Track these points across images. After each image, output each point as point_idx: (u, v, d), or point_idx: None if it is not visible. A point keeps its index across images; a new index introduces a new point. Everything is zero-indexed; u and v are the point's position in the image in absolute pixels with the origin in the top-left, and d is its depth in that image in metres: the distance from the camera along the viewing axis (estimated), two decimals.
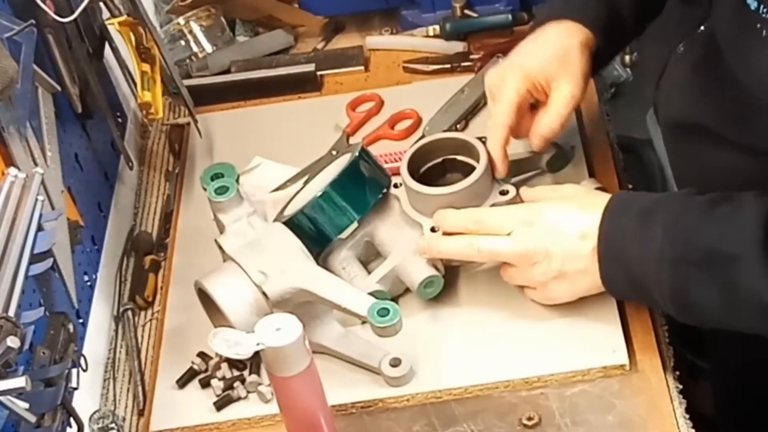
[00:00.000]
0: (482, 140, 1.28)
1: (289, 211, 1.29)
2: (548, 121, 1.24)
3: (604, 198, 1.14)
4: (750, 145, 1.10)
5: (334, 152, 1.49)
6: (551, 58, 1.24)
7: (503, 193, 1.25)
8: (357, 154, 1.27)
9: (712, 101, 1.12)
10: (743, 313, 1.06)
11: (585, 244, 1.12)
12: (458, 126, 1.48)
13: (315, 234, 1.25)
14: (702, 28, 1.14)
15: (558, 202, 1.17)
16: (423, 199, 1.24)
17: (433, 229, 1.23)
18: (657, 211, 1.09)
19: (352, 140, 1.51)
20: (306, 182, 1.36)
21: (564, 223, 1.14)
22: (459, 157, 1.29)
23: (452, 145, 1.29)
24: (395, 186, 1.28)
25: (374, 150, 1.44)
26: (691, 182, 1.15)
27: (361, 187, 1.27)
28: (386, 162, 1.43)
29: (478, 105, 1.50)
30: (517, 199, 1.25)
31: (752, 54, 1.03)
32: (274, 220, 1.29)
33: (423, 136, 1.46)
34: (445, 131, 1.46)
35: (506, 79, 1.25)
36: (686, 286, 1.07)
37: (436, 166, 1.30)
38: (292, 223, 1.25)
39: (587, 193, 1.20)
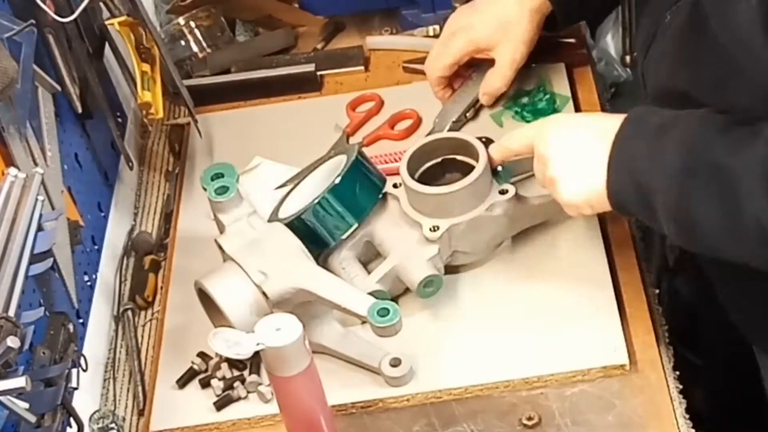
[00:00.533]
0: (482, 140, 1.28)
1: (284, 214, 1.29)
2: (493, 81, 1.44)
3: (618, 116, 1.12)
4: (729, 111, 1.08)
5: (333, 153, 1.49)
6: (497, 26, 1.41)
7: (503, 192, 1.25)
8: (354, 158, 1.27)
9: (694, 68, 1.11)
10: (743, 237, 1.02)
11: (602, 141, 1.10)
12: (467, 115, 1.48)
13: (312, 238, 1.26)
14: None
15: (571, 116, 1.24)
16: (422, 199, 1.24)
17: (432, 229, 1.23)
18: (674, 125, 1.07)
19: (352, 140, 1.52)
20: (297, 183, 1.36)
21: (580, 128, 1.16)
22: (458, 157, 1.29)
23: (451, 145, 1.29)
24: (394, 186, 1.28)
25: (374, 150, 1.45)
26: None
27: (359, 191, 1.27)
28: (386, 162, 1.43)
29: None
30: (516, 199, 1.26)
31: (730, 11, 1.01)
32: (268, 221, 1.29)
33: (433, 129, 1.47)
34: (455, 121, 1.47)
35: (455, 39, 1.44)
36: (689, 200, 1.04)
37: (435, 166, 1.30)
38: (290, 227, 1.25)
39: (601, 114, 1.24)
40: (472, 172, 1.24)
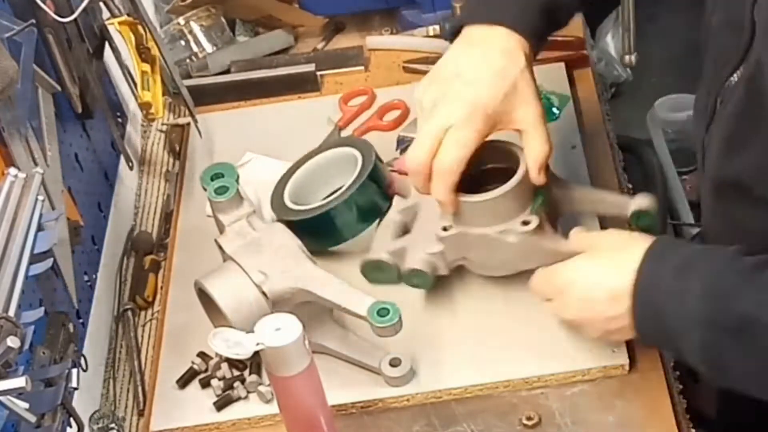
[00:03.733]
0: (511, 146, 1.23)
1: (293, 207, 1.31)
2: (536, 151, 1.16)
3: (641, 248, 1.07)
4: None
5: (324, 147, 1.50)
6: (504, 92, 1.15)
7: (525, 223, 1.19)
8: (373, 161, 1.30)
9: (750, 154, 1.07)
10: None
11: (618, 306, 1.08)
12: None
13: (329, 234, 1.29)
14: (739, 70, 1.06)
15: (588, 262, 1.12)
16: (493, 205, 1.19)
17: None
18: (697, 266, 1.04)
19: (343, 133, 1.52)
20: (291, 173, 1.38)
21: (594, 291, 1.10)
22: (501, 165, 1.24)
23: (498, 152, 1.23)
24: (444, 230, 1.22)
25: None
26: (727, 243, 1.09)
27: (378, 192, 1.31)
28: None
29: None
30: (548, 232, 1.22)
31: None
32: (273, 208, 1.29)
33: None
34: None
35: (468, 122, 1.13)
36: (718, 349, 1.02)
37: (485, 172, 1.24)
38: (306, 222, 1.28)
39: (625, 243, 1.11)
40: (493, 191, 1.19)
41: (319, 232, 1.31)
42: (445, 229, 1.21)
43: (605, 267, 1.10)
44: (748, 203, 1.09)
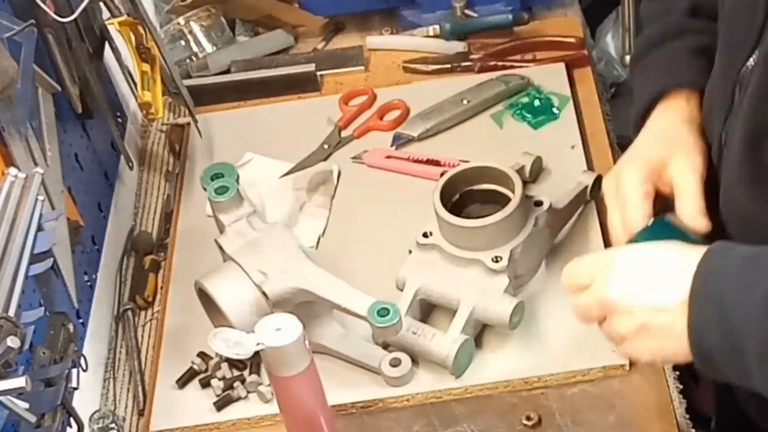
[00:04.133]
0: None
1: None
2: (688, 202, 1.11)
3: (699, 247, 0.97)
4: None
5: (325, 146, 1.51)
6: (661, 140, 1.15)
7: (538, 204, 1.23)
8: None
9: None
10: None
11: (673, 294, 0.95)
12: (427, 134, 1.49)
13: None
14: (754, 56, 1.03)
15: (642, 248, 1.03)
16: (475, 234, 1.20)
17: (495, 260, 1.19)
18: (765, 256, 0.93)
19: (344, 134, 1.53)
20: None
21: (648, 270, 0.99)
22: (474, 187, 1.27)
23: (465, 178, 1.26)
24: (424, 236, 1.24)
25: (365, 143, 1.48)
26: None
27: None
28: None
29: (459, 118, 1.51)
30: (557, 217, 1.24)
31: None
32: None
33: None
34: (419, 134, 1.48)
35: (623, 172, 1.14)
36: None
37: (454, 203, 1.26)
38: None
39: (676, 243, 1.02)
40: (517, 190, 1.21)
41: None
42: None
43: (663, 253, 0.99)
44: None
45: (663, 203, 1.14)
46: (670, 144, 1.14)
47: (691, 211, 1.10)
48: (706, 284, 0.93)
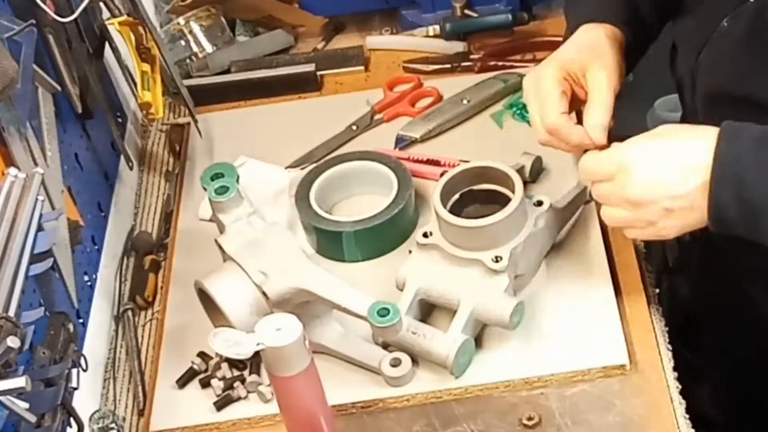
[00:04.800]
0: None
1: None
2: (596, 112, 1.19)
3: (709, 130, 1.07)
4: None
5: (354, 127, 1.52)
6: (582, 47, 1.23)
7: (539, 204, 1.24)
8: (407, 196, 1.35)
9: (762, 74, 1.11)
10: None
11: (689, 181, 1.06)
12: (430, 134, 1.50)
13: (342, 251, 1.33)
14: (751, 0, 1.13)
15: (654, 140, 1.10)
16: (475, 234, 1.20)
17: (495, 260, 1.19)
18: None
19: (376, 117, 1.55)
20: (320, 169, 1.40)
21: (663, 166, 1.08)
22: (474, 188, 1.27)
23: (465, 178, 1.27)
24: (424, 236, 1.24)
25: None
26: None
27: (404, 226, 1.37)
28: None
29: (460, 118, 1.51)
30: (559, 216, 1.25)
31: None
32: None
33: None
34: (422, 136, 1.49)
35: (542, 72, 1.21)
36: None
37: (453, 204, 1.26)
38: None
39: (688, 127, 1.12)
40: (517, 190, 1.21)
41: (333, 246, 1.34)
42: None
43: (675, 143, 1.08)
44: (753, 112, 1.10)
45: None
46: (591, 52, 1.22)
47: (595, 121, 1.17)
48: (724, 168, 1.04)
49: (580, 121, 1.19)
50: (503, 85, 1.53)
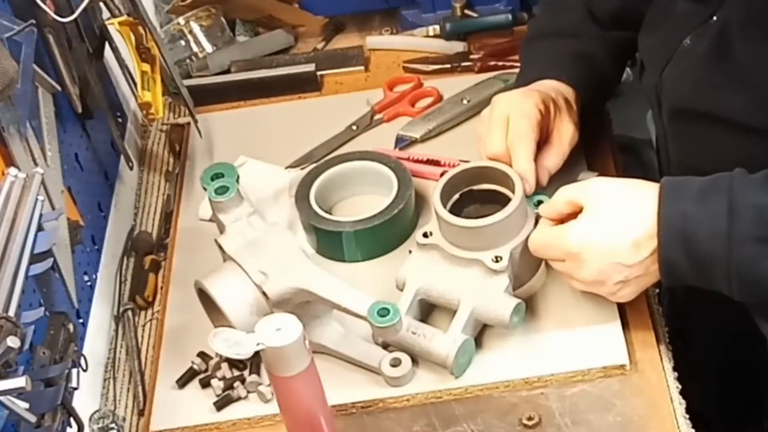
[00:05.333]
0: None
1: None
2: (554, 157, 1.27)
3: (648, 192, 1.11)
4: (763, 128, 1.10)
5: (354, 127, 1.52)
6: (554, 94, 1.29)
7: (539, 204, 1.23)
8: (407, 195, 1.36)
9: (725, 91, 1.13)
10: None
11: (642, 251, 1.11)
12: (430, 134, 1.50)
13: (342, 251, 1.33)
14: (713, 19, 1.15)
15: (598, 219, 1.13)
16: (475, 234, 1.20)
17: (495, 260, 1.19)
18: (715, 191, 1.07)
19: (376, 117, 1.55)
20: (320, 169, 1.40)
21: (615, 244, 1.11)
22: (474, 188, 1.27)
23: (463, 178, 1.27)
24: (424, 236, 1.24)
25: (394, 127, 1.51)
26: (693, 162, 1.15)
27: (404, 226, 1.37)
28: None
29: (460, 118, 1.51)
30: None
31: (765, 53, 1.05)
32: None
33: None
34: (422, 136, 1.49)
35: (525, 97, 1.26)
36: (755, 262, 1.05)
37: (453, 204, 1.26)
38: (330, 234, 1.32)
39: (628, 193, 1.14)
40: (517, 190, 1.21)
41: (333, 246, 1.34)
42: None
43: (620, 218, 1.12)
44: (717, 128, 1.15)
45: None
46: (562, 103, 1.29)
47: (549, 164, 1.27)
48: (670, 228, 1.08)
49: None
50: (503, 85, 1.52)
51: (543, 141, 1.27)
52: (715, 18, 1.15)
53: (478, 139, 1.29)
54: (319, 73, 1.63)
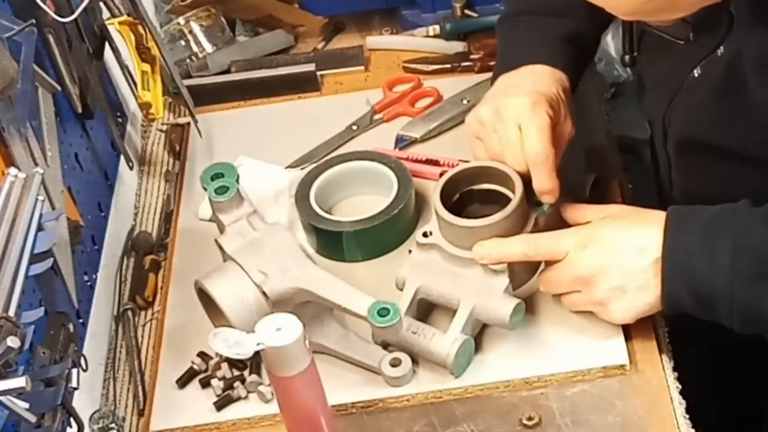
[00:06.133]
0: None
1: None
2: (557, 159, 1.22)
3: (657, 213, 1.11)
4: None
5: (354, 127, 1.52)
6: (555, 91, 1.24)
7: (538, 204, 1.23)
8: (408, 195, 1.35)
9: (736, 126, 1.12)
10: None
11: (644, 258, 1.10)
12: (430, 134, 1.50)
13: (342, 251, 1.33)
14: (720, 52, 1.14)
15: (610, 221, 1.15)
16: (475, 234, 1.19)
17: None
18: (721, 226, 1.07)
19: (376, 117, 1.55)
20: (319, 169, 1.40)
21: (620, 240, 1.12)
22: (474, 187, 1.27)
23: (463, 178, 1.27)
24: (424, 235, 1.23)
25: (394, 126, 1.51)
26: (698, 193, 1.15)
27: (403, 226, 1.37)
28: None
29: (460, 118, 1.50)
30: (558, 217, 1.24)
31: None
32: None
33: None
34: (422, 136, 1.49)
35: (535, 105, 1.19)
36: (759, 300, 1.05)
37: (453, 204, 1.26)
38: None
39: (636, 210, 1.16)
40: (517, 190, 1.21)
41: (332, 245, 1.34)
42: (425, 235, 1.20)
43: (629, 224, 1.12)
44: (726, 161, 1.14)
45: None
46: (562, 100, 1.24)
47: (541, 186, 1.20)
48: (673, 261, 1.07)
49: None
50: None
51: None
52: (722, 49, 1.13)
53: (473, 140, 1.25)
54: (319, 73, 1.63)
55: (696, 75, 1.17)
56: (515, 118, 1.19)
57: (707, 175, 1.20)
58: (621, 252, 1.11)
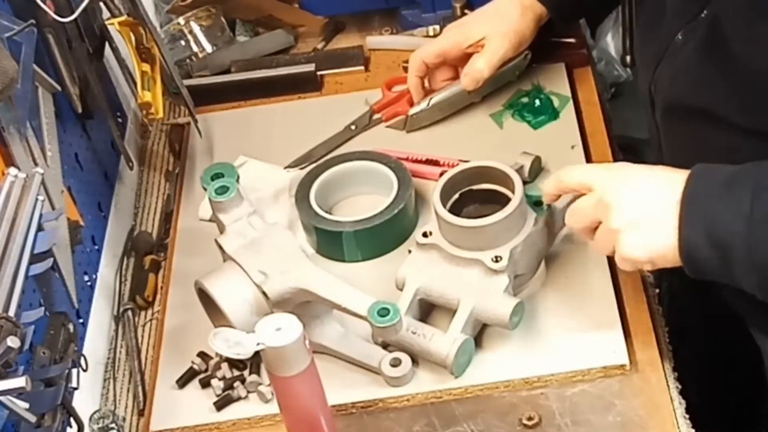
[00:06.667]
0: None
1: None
2: (477, 63, 1.44)
3: (678, 170, 1.10)
4: (753, 128, 1.10)
5: (353, 127, 1.52)
6: (489, 18, 1.44)
7: (538, 204, 1.24)
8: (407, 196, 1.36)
9: (717, 87, 1.13)
10: None
11: (665, 198, 1.07)
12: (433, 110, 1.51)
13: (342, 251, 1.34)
14: (703, 14, 1.15)
15: (639, 165, 1.14)
16: (475, 234, 1.20)
17: (495, 260, 1.19)
18: (744, 176, 1.05)
19: (374, 117, 1.55)
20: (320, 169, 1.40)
21: (646, 178, 1.11)
22: (474, 187, 1.27)
23: (465, 177, 1.27)
24: (424, 235, 1.24)
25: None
26: (686, 162, 1.15)
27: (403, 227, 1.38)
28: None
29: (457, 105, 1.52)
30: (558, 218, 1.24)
31: (756, 36, 1.04)
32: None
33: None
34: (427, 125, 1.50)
35: (447, 32, 1.46)
36: None
37: (453, 204, 1.27)
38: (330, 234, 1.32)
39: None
40: (517, 190, 1.21)
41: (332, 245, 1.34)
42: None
43: (657, 174, 1.11)
44: (709, 125, 1.15)
45: None
46: (496, 21, 1.46)
47: (471, 69, 1.45)
48: (694, 204, 1.05)
49: None
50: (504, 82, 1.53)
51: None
52: (705, 12, 1.15)
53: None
54: (319, 73, 1.63)
55: (679, 39, 1.18)
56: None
57: (694, 145, 1.19)
58: (645, 187, 1.09)
